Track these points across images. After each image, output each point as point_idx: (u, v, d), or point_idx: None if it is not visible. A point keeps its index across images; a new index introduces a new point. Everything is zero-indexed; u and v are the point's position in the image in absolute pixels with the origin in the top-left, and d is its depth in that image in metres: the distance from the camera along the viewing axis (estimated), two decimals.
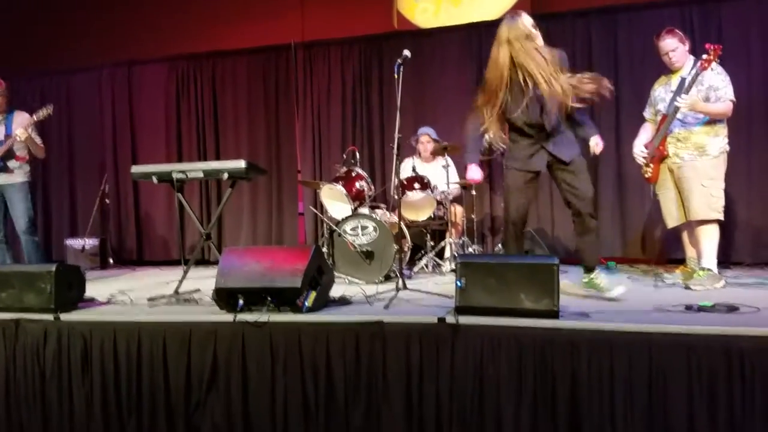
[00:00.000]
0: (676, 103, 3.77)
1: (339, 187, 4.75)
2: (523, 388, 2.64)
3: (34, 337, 3.23)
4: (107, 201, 6.78)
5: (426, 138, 5.58)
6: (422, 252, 5.24)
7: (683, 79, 3.83)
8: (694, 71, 3.77)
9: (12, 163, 4.91)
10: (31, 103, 7.17)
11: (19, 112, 5.03)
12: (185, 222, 6.47)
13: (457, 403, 2.72)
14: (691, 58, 3.93)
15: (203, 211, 6.75)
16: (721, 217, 3.79)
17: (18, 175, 4.94)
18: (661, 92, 4.03)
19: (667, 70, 4.05)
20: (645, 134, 4.13)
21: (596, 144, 3.51)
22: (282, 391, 2.93)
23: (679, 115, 3.84)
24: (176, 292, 3.85)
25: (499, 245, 5.52)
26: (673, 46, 3.89)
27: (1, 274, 3.42)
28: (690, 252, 4.08)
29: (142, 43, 6.84)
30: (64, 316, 3.26)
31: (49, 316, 3.25)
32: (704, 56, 3.73)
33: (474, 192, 5.45)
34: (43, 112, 4.83)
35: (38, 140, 5.01)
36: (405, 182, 4.96)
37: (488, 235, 6.04)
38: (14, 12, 7.14)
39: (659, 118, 4.00)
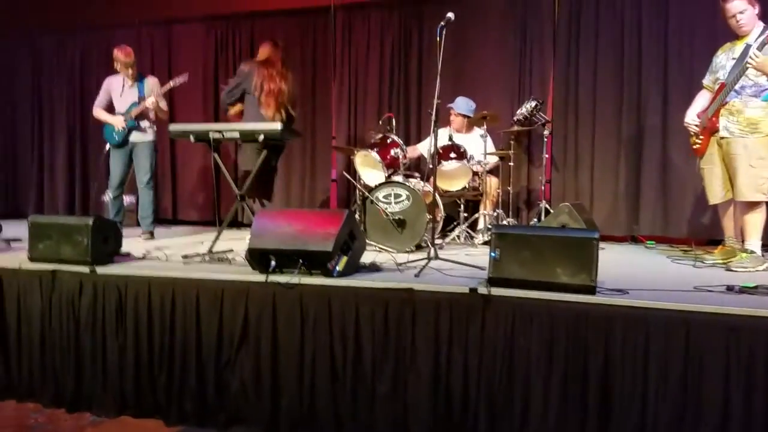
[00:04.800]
0: (747, 59, 3.51)
1: (373, 154, 4.70)
2: (554, 363, 2.59)
3: (69, 288, 3.29)
4: None
5: (454, 112, 5.48)
6: (455, 223, 5.18)
7: (748, 46, 3.58)
8: (763, 38, 3.52)
9: (144, 123, 5.28)
10: (72, 58, 7.28)
11: (151, 76, 5.43)
12: (220, 182, 6.50)
13: (485, 375, 2.70)
14: (761, 24, 3.69)
15: (238, 173, 6.77)
16: (767, 198, 3.65)
17: (149, 134, 5.31)
18: (723, 59, 3.82)
19: (726, 38, 3.84)
20: (701, 101, 3.94)
21: None
22: (310, 353, 2.94)
23: (736, 86, 3.65)
24: (210, 250, 3.88)
25: (535, 219, 5.43)
26: (741, 8, 3.64)
27: (39, 226, 3.48)
28: (728, 231, 3.94)
29: (181, 2, 6.81)
30: (100, 269, 3.31)
31: (85, 269, 3.31)
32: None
33: (511, 163, 5.35)
34: (179, 80, 5.23)
35: (164, 105, 5.37)
36: (441, 151, 4.88)
37: (523, 208, 5.94)
38: None
39: (718, 86, 3.79)
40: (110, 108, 5.33)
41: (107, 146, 5.35)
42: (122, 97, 5.27)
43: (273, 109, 4.88)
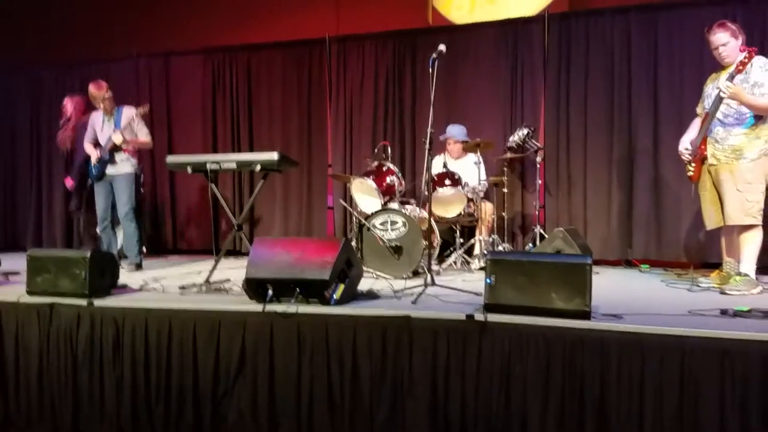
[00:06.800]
0: (719, 87, 3.61)
1: (369, 182, 4.75)
2: (550, 388, 2.61)
3: (67, 322, 3.30)
4: (142, 190, 6.87)
5: (452, 140, 5.56)
6: (451, 249, 5.21)
7: (731, 76, 3.67)
8: (732, 69, 3.64)
9: (119, 156, 5.22)
10: (70, 90, 7.35)
11: (127, 107, 5.32)
12: (218, 212, 6.54)
13: (482, 401, 2.71)
14: (743, 54, 3.73)
15: (235, 202, 6.82)
16: (758, 221, 3.68)
17: (124, 166, 5.24)
18: (710, 88, 3.90)
19: (713, 62, 3.92)
20: (694, 130, 4.01)
21: None
22: (308, 383, 2.95)
23: (719, 115, 3.73)
24: (207, 281, 3.90)
25: (530, 244, 5.46)
26: (724, 41, 3.74)
27: (37, 259, 3.50)
28: (726, 256, 3.99)
29: (179, 35, 6.93)
30: (98, 302, 3.33)
31: (83, 301, 3.32)
32: (739, 59, 3.63)
33: (506, 189, 5.40)
34: (142, 110, 5.21)
35: (141, 135, 5.31)
36: (435, 178, 4.93)
37: (518, 233, 5.98)
38: (55, 2, 7.31)
39: (704, 115, 3.86)
40: (98, 142, 5.34)
41: (89, 181, 5.45)
42: (103, 131, 5.30)
43: None
